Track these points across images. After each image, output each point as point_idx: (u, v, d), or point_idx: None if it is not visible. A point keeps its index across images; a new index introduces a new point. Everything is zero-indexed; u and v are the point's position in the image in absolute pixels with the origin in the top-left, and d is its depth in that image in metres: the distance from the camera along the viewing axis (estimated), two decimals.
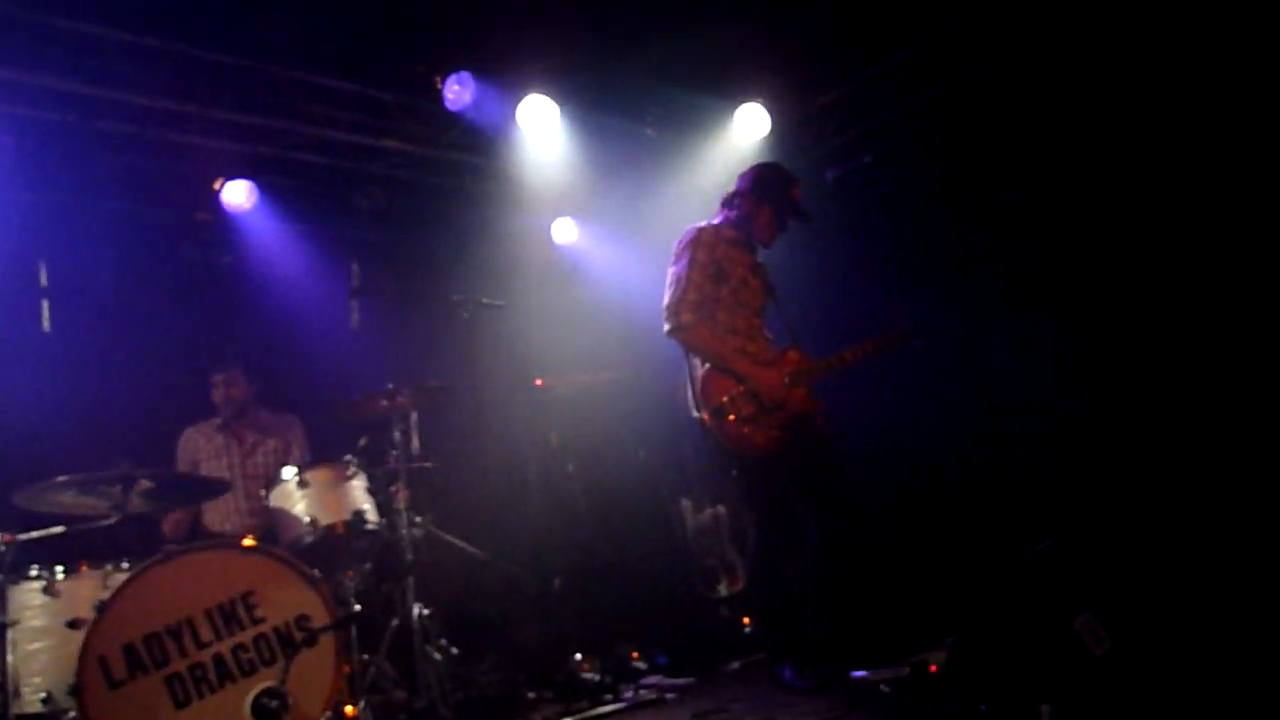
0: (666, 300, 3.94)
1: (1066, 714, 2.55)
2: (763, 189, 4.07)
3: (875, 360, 4.07)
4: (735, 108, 5.87)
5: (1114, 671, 2.62)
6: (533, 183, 5.98)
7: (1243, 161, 4.23)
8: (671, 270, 3.96)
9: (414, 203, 6.17)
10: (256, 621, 3.51)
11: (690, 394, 3.91)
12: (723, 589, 5.51)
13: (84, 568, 3.62)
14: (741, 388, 3.83)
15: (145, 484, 3.71)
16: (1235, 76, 4.24)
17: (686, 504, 5.82)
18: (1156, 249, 4.56)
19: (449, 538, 4.94)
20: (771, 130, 5.90)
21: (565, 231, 6.68)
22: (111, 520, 3.72)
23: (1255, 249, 4.20)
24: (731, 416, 3.78)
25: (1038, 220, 5.03)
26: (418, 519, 4.62)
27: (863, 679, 3.65)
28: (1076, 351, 4.90)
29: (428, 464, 4.69)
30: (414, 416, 4.71)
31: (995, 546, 4.57)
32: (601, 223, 6.66)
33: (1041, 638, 2.65)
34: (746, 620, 5.21)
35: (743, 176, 4.17)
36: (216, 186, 5.59)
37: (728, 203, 4.15)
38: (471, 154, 5.96)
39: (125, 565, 3.61)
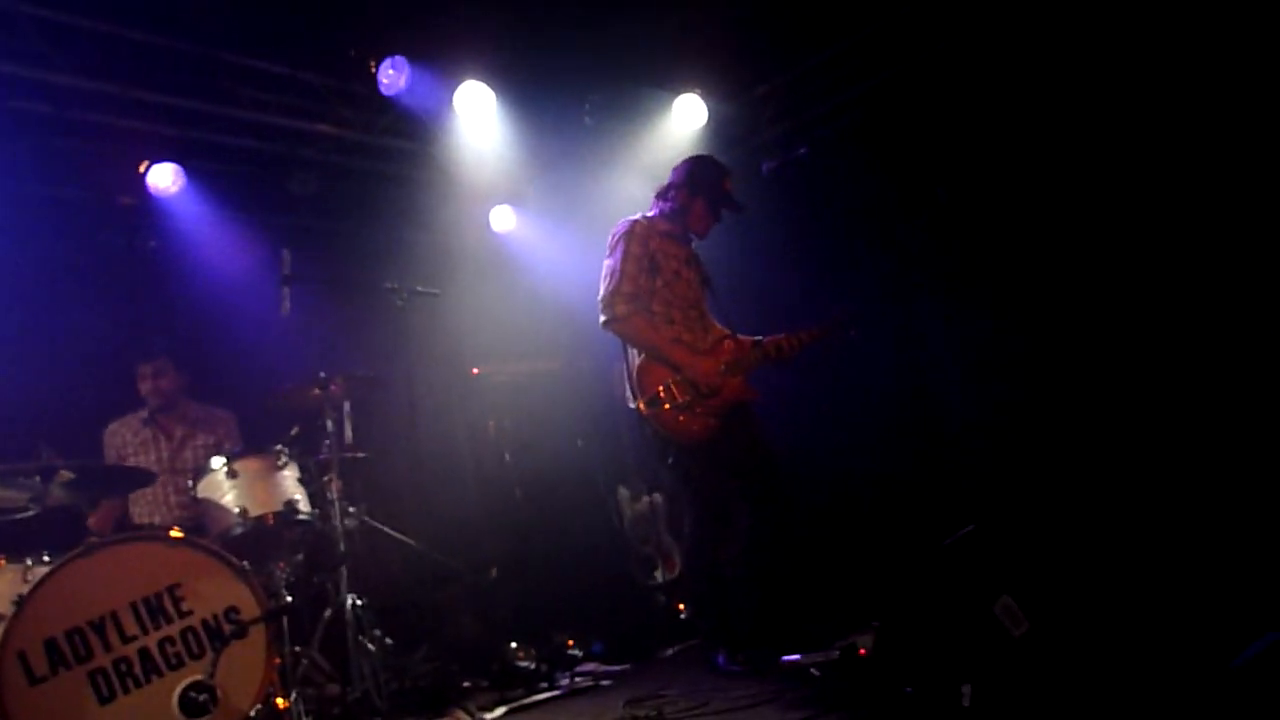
0: (602, 293, 3.97)
1: (987, 694, 2.63)
2: (696, 181, 4.12)
3: (809, 349, 4.14)
4: (673, 98, 5.90)
5: (1032, 653, 2.72)
6: (469, 170, 5.94)
7: (1171, 153, 4.35)
8: (606, 263, 3.99)
9: (347, 189, 6.10)
10: (184, 614, 3.46)
11: (627, 383, 3.95)
12: (659, 576, 5.56)
13: (2, 562, 3.52)
14: (677, 376, 3.87)
15: (66, 475, 3.62)
16: (1167, 69, 4.35)
17: (624, 492, 5.86)
18: (1085, 242, 4.67)
19: (383, 528, 4.90)
20: (709, 121, 5.94)
21: (503, 219, 6.66)
22: (31, 513, 3.62)
23: (1181, 239, 4.33)
24: (667, 405, 3.82)
25: (969, 214, 5.14)
26: (351, 509, 4.59)
27: (794, 663, 3.71)
28: (1005, 343, 5.01)
29: (361, 454, 4.65)
30: (347, 406, 4.67)
31: (922, 533, 4.58)
32: (539, 211, 6.64)
33: (963, 621, 2.73)
34: (681, 606, 5.27)
35: (676, 169, 4.22)
36: (141, 169, 5.45)
37: (662, 195, 4.19)
38: (407, 140, 5.91)
39: (46, 559, 3.51)
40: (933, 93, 5.28)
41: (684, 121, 5.93)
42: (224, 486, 4.13)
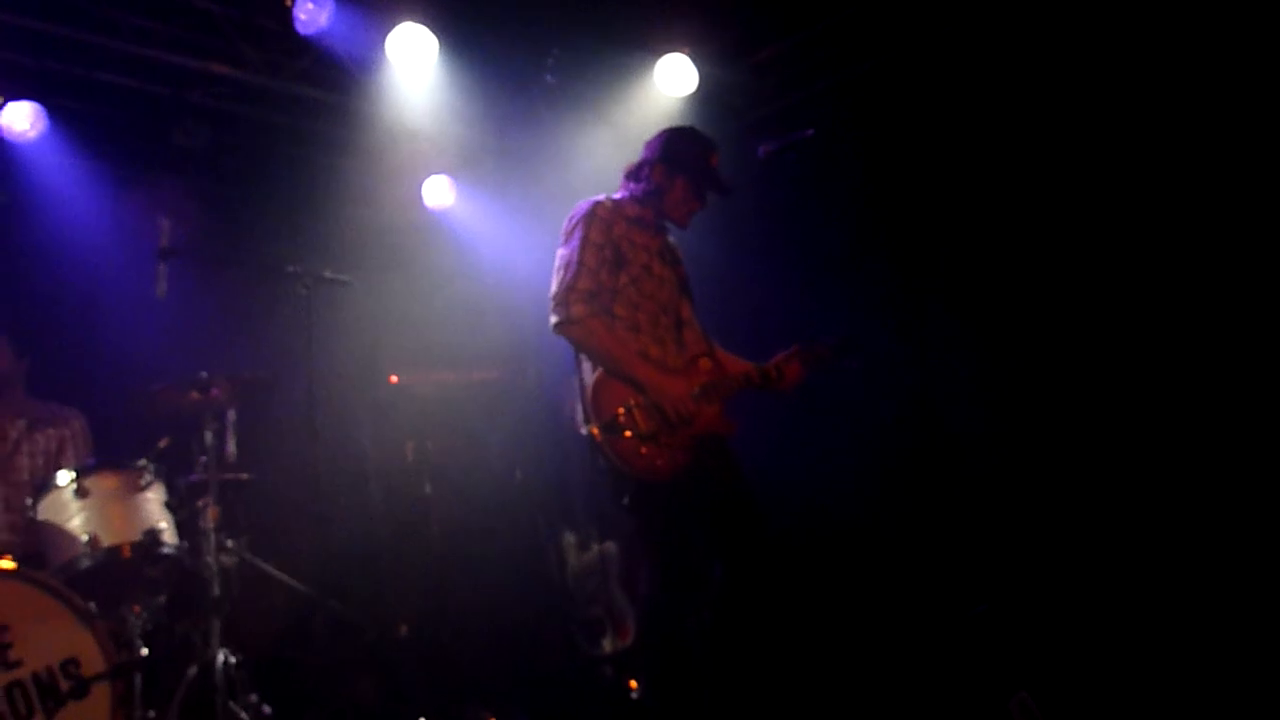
0: (554, 288, 3.92)
1: None
2: (675, 156, 4.10)
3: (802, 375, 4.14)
4: (656, 58, 5.91)
5: None
6: (401, 131, 5.94)
7: (1223, 158, 4.51)
8: (561, 252, 3.95)
9: (246, 145, 6.07)
10: (11, 665, 3.41)
11: (579, 404, 3.90)
12: (607, 644, 5.55)
13: None
14: (641, 399, 3.83)
15: None
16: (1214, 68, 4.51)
17: (569, 538, 5.86)
18: (1137, 249, 4.81)
19: (267, 568, 4.89)
20: (698, 88, 5.96)
21: (438, 193, 6.66)
22: None
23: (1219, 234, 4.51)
24: (628, 433, 3.78)
25: (1000, 219, 5.23)
26: (229, 543, 4.56)
27: None
28: (1035, 374, 5.11)
29: (245, 475, 4.64)
30: (230, 414, 4.65)
31: (927, 601, 4.71)
32: (485, 185, 6.64)
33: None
34: (634, 684, 5.26)
35: (650, 143, 4.20)
36: None
37: (633, 174, 4.17)
38: (325, 90, 5.89)
39: None
40: (968, 67, 5.34)
41: (668, 87, 5.95)
42: (70, 508, 4.08)
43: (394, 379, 6.13)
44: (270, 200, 6.31)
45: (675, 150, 4.12)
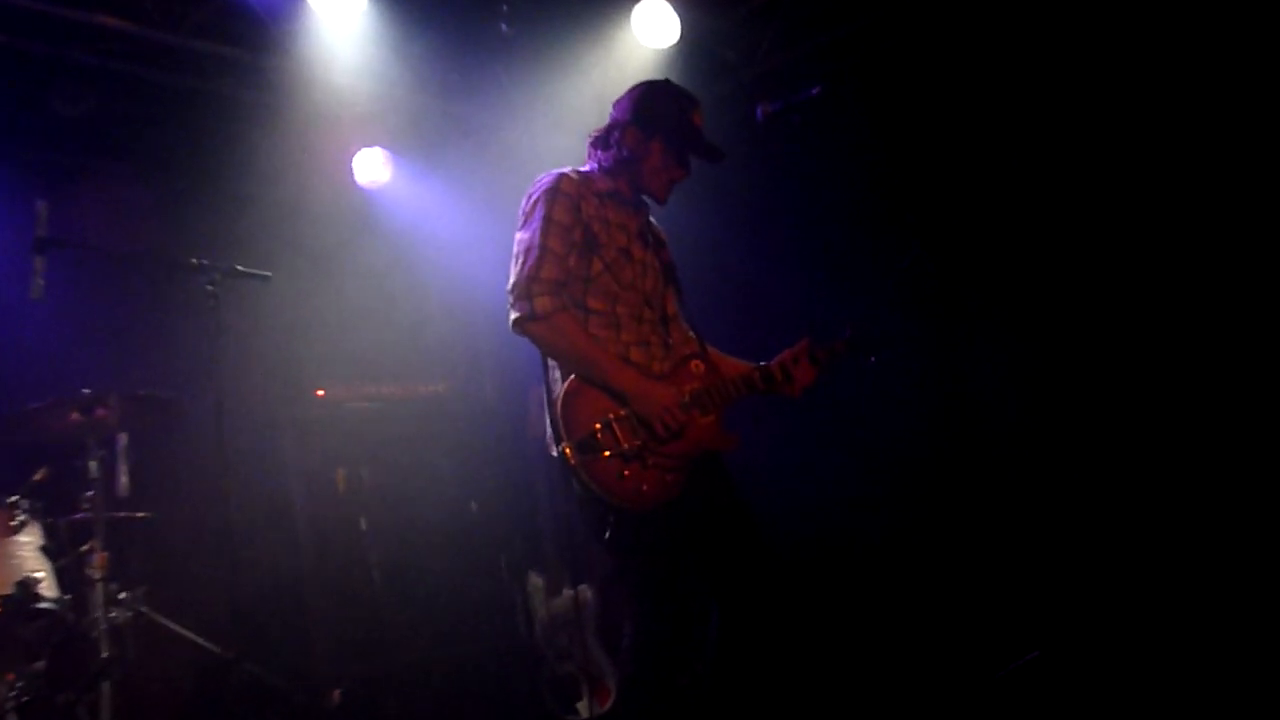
0: (513, 278, 3.87)
1: None
2: (650, 115, 4.05)
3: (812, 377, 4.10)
4: (632, 4, 5.90)
5: None
6: (326, 95, 5.93)
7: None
8: (520, 236, 3.92)
9: (139, 113, 6.02)
10: None
11: (547, 419, 3.86)
12: (583, 708, 5.53)
13: None
14: (623, 410, 3.78)
15: None
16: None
17: (536, 581, 5.84)
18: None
19: (170, 624, 4.85)
20: (681, 40, 5.97)
21: (372, 169, 6.65)
22: None
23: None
24: (607, 452, 3.72)
25: (1043, 192, 5.26)
26: (122, 595, 4.54)
27: None
28: (1083, 378, 5.17)
29: (140, 513, 4.65)
30: (122, 440, 4.65)
31: (962, 648, 4.73)
32: (427, 159, 6.65)
33: None
34: None
35: (619, 103, 4.16)
36: None
37: (601, 141, 4.13)
38: (233, 45, 5.86)
39: None
40: (1003, 12, 5.35)
41: (646, 38, 5.94)
42: None
43: (321, 394, 6.09)
44: (170, 180, 6.28)
45: (649, 108, 4.08)
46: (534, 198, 3.94)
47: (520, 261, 3.87)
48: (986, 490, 5.27)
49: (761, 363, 4.09)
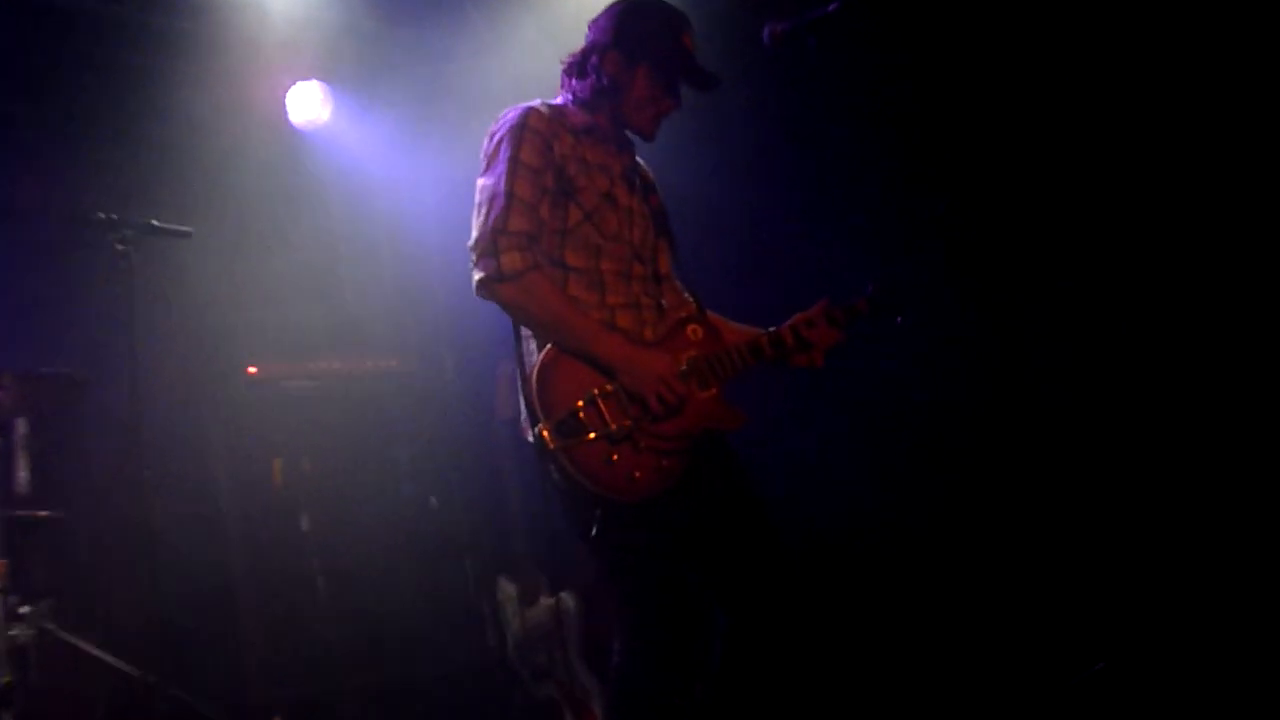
0: (475, 231, 3.83)
1: None
2: (634, 37, 4.02)
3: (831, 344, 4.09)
4: None
5: None
6: (253, 19, 5.93)
7: None
8: (482, 182, 3.88)
9: (31, 42, 5.95)
10: None
11: (520, 396, 3.83)
12: None
13: None
14: (610, 384, 3.76)
15: None
16: None
17: (508, 589, 5.83)
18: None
19: (80, 643, 4.84)
20: None
21: (308, 105, 6.65)
22: None
23: None
24: (592, 434, 3.69)
25: (1112, 131, 5.21)
26: (22, 610, 4.57)
27: None
28: (1150, 352, 5.13)
29: (43, 512, 4.68)
30: (20, 426, 4.73)
31: (1007, 662, 4.77)
32: (373, 93, 6.65)
33: None
34: None
35: (596, 24, 4.13)
36: None
37: (576, 68, 4.10)
38: None
39: None
40: None
41: None
42: None
43: (253, 371, 6.08)
44: (70, 122, 6.24)
45: (632, 29, 4.05)
46: (497, 137, 3.90)
47: (483, 212, 3.82)
48: (1036, 480, 5.27)
49: (771, 328, 4.08)
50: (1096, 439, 5.27)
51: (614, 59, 4.01)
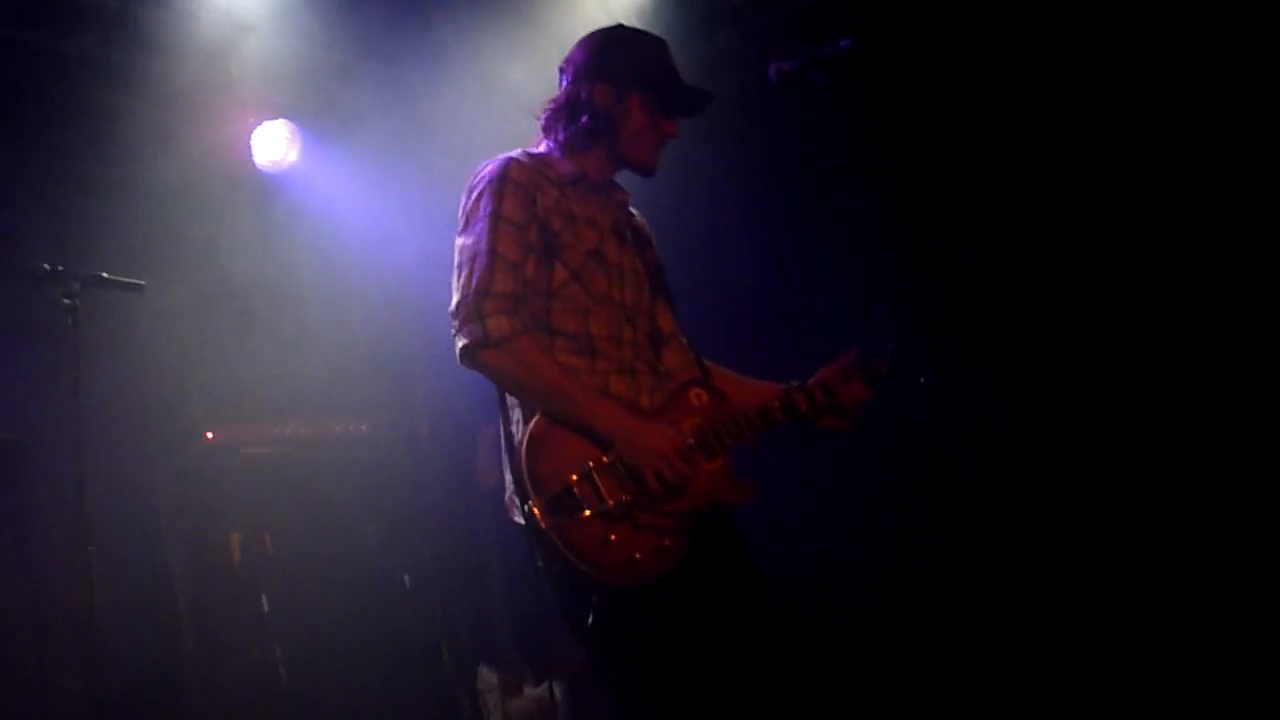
0: (457, 296, 3.81)
1: None
2: (618, 65, 4.02)
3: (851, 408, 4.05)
4: None
5: None
6: (216, 53, 5.91)
7: None
8: (462, 241, 3.87)
9: None
10: None
11: (507, 470, 3.79)
12: None
13: None
14: (605, 457, 3.70)
15: None
16: None
17: (489, 677, 5.83)
18: None
19: None
20: None
21: (273, 146, 6.63)
22: None
23: None
24: (587, 511, 3.63)
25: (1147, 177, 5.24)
26: None
27: None
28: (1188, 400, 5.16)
29: None
30: None
31: None
32: (345, 135, 6.65)
33: None
34: None
35: (570, 62, 4.12)
36: None
37: (561, 113, 4.07)
38: None
39: None
40: None
41: None
42: None
43: (211, 436, 6.08)
44: (15, 162, 6.25)
45: (614, 57, 4.06)
46: (476, 191, 3.89)
47: (465, 274, 3.80)
48: (1071, 560, 5.27)
49: (792, 382, 4.04)
50: (1130, 504, 5.27)
51: (603, 91, 4.00)
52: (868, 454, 5.37)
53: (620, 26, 4.24)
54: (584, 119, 4.00)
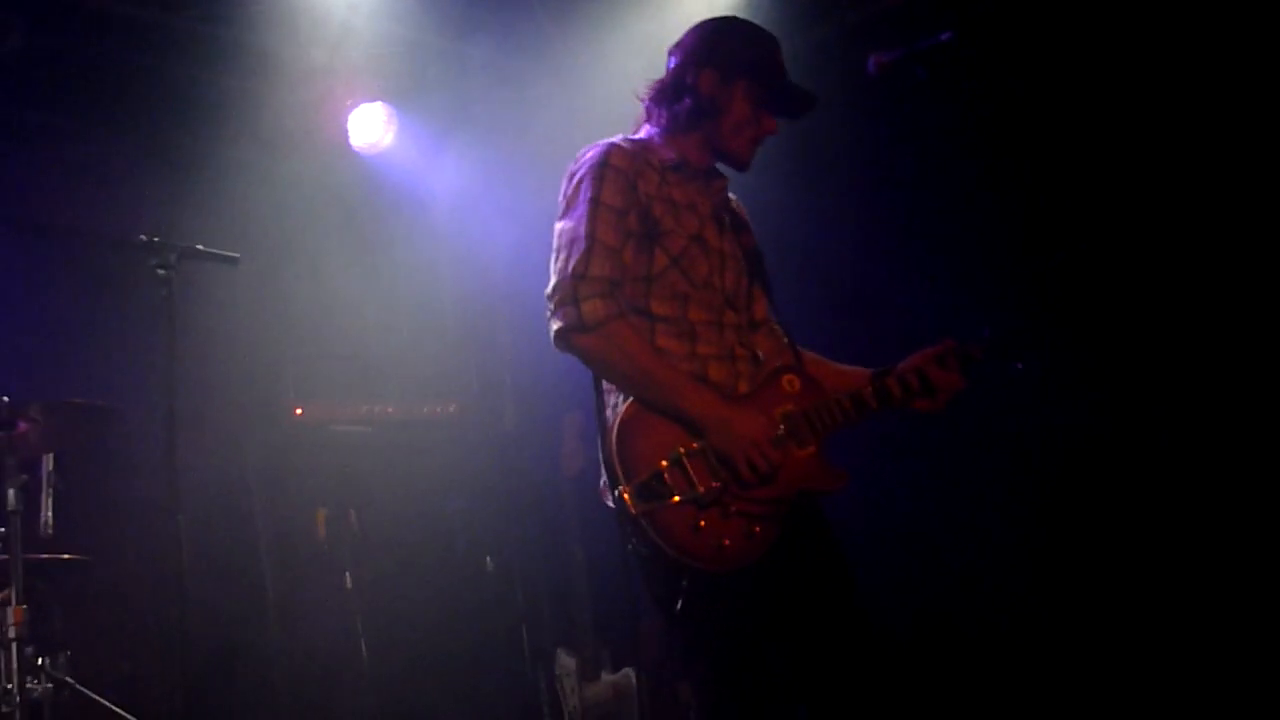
0: (554, 278, 3.80)
1: None
2: (728, 52, 4.00)
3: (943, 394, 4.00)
4: None
5: None
6: (314, 32, 5.95)
7: None
8: (561, 225, 3.87)
9: (75, 50, 5.98)
10: None
11: (600, 455, 3.74)
12: None
13: None
14: (696, 443, 3.69)
15: None
16: None
17: (567, 662, 5.79)
18: None
19: (103, 701, 4.80)
20: None
21: (370, 129, 6.65)
22: None
23: None
24: (677, 497, 3.62)
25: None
26: (42, 660, 4.55)
27: None
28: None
29: (67, 554, 4.65)
30: (47, 463, 4.67)
31: None
32: (442, 119, 6.65)
33: None
34: None
35: (681, 46, 4.09)
36: None
37: (664, 96, 4.06)
38: None
39: None
40: None
41: None
42: None
43: (300, 412, 6.11)
44: (114, 137, 6.28)
45: (725, 45, 4.04)
46: (577, 177, 3.88)
47: (563, 257, 3.80)
48: (1173, 559, 5.23)
49: (884, 368, 4.02)
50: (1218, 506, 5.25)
51: (709, 77, 3.98)
52: (961, 444, 5.37)
53: (734, 17, 4.22)
54: (687, 101, 3.98)
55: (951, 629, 5.59)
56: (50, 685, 4.62)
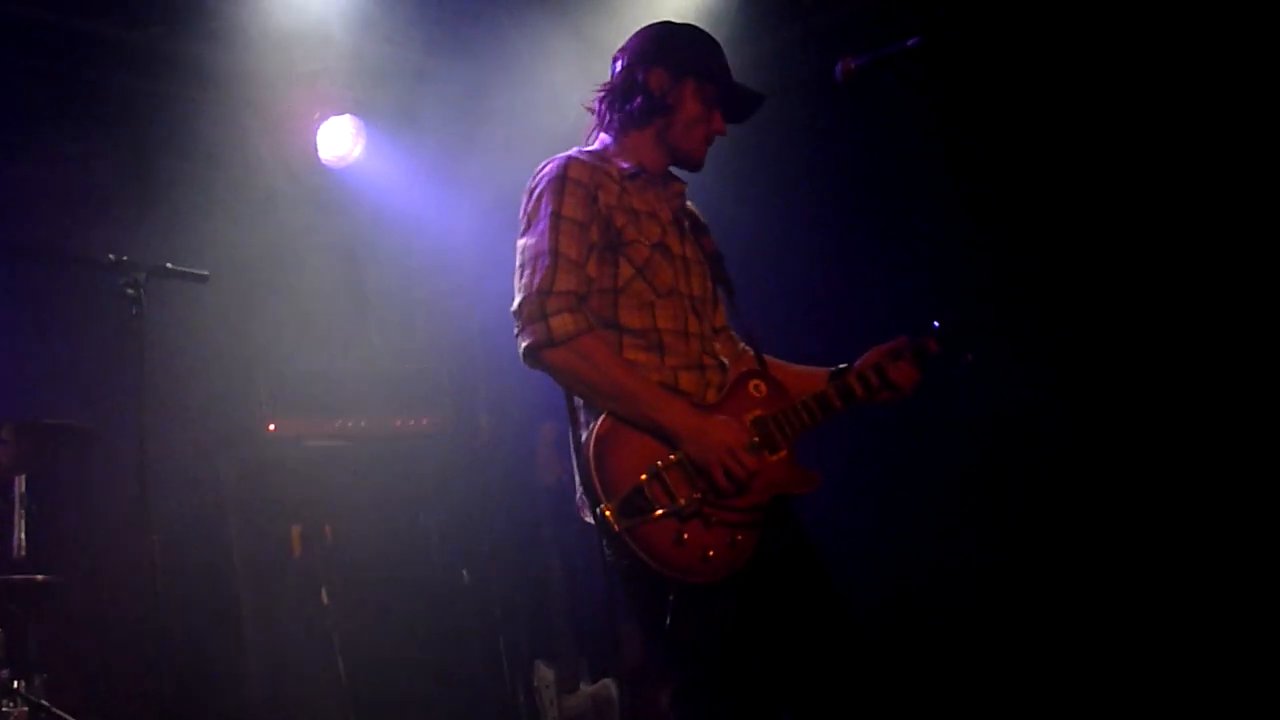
0: (520, 296, 3.80)
1: None
2: (675, 52, 4.04)
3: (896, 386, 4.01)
4: None
5: None
6: (283, 46, 5.94)
7: None
8: (524, 242, 3.87)
9: (39, 68, 5.99)
10: None
11: (578, 473, 3.76)
12: None
13: None
14: (674, 455, 3.69)
15: None
16: None
17: (545, 673, 5.80)
18: None
19: None
20: None
21: (339, 141, 6.63)
22: None
23: None
24: (659, 511, 3.62)
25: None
26: (17, 684, 4.54)
27: None
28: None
29: (41, 576, 4.65)
30: (18, 484, 4.68)
31: None
32: (410, 128, 6.66)
33: None
34: None
35: (627, 49, 4.11)
36: None
37: (617, 95, 4.07)
38: None
39: None
40: None
41: None
42: None
43: (272, 427, 6.09)
44: (80, 155, 6.23)
45: (672, 44, 4.08)
46: (537, 192, 3.89)
47: (527, 274, 3.79)
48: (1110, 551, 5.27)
49: (841, 365, 4.04)
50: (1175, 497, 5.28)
51: (659, 75, 3.99)
52: (917, 438, 5.40)
53: (677, 21, 4.24)
54: (638, 100, 3.99)
55: (925, 625, 5.62)
56: (26, 708, 4.59)
